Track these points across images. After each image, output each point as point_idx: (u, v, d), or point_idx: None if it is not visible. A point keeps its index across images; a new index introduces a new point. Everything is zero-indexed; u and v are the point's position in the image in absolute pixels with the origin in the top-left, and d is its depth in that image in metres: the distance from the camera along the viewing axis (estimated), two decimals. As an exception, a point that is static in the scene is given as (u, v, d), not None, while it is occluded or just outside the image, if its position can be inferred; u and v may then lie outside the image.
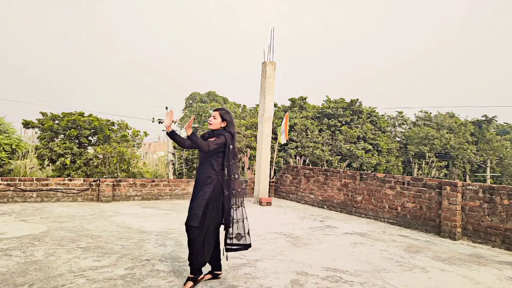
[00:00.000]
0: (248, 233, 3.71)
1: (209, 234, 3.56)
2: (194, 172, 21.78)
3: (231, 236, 3.65)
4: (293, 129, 23.70)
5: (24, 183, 8.10)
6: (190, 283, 3.56)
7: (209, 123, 3.68)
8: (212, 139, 3.62)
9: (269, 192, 10.37)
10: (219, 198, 3.58)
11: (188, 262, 3.58)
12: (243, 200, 3.75)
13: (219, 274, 3.85)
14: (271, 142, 10.36)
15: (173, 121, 3.45)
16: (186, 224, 3.52)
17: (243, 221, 3.68)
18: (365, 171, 18.00)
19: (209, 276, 3.81)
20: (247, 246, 3.72)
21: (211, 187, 3.54)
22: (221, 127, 3.70)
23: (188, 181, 9.90)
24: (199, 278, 3.67)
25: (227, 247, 3.67)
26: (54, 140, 11.73)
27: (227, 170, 3.61)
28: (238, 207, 3.66)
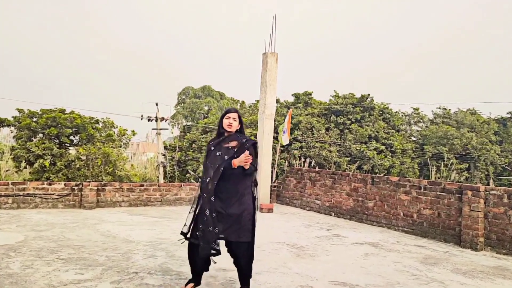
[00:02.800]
0: None
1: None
2: (188, 175, 21.69)
3: None
4: (297, 128, 23.70)
5: (-2, 188, 8.09)
6: None
7: (229, 126, 3.74)
8: (246, 153, 3.62)
9: (270, 198, 10.38)
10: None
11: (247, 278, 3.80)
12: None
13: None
14: (273, 142, 10.37)
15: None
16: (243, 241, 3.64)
17: None
18: (377, 174, 18.00)
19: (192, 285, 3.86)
20: None
21: (251, 199, 3.75)
22: (237, 129, 3.80)
23: (181, 186, 9.91)
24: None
25: None
26: (32, 140, 11.73)
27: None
28: None
